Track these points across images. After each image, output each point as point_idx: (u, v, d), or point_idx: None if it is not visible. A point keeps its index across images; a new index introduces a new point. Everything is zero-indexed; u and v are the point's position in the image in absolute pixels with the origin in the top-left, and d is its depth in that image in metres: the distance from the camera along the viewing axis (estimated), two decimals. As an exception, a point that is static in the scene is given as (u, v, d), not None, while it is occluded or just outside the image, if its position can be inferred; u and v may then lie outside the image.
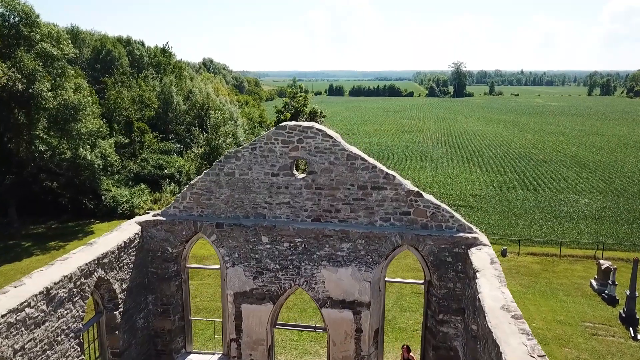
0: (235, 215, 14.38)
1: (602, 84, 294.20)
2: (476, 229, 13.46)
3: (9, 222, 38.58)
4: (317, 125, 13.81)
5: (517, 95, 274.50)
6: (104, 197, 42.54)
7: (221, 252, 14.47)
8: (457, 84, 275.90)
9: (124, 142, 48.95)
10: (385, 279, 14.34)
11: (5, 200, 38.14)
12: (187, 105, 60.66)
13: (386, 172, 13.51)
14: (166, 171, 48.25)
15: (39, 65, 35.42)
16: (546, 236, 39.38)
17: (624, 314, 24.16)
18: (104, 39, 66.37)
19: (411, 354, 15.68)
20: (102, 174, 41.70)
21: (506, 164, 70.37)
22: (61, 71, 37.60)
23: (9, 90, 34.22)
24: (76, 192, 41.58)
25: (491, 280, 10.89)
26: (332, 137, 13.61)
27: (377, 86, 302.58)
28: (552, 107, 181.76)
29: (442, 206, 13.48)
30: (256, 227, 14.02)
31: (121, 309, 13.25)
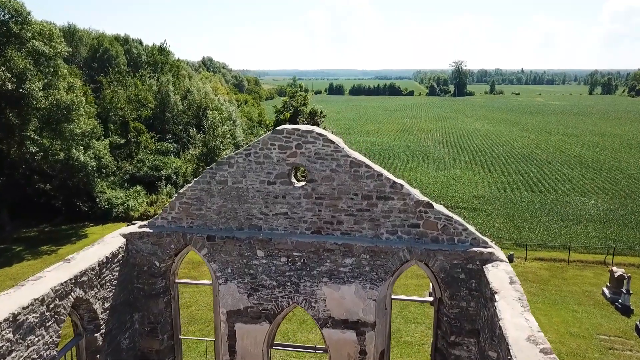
0: (228, 227, 13.24)
1: (603, 83, 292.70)
2: (491, 243, 12.31)
3: (0, 226, 37.51)
4: (317, 129, 12.62)
5: (518, 94, 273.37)
6: (98, 200, 41.43)
7: (213, 267, 13.35)
8: (457, 82, 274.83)
9: (120, 142, 47.83)
10: (391, 296, 13.18)
11: (-4, 202, 37.14)
12: (184, 104, 59.50)
13: (393, 181, 12.35)
14: (163, 172, 47.08)
15: (29, 64, 34.31)
16: (553, 240, 38.19)
17: None
18: (102, 38, 65.35)
19: None
20: (97, 175, 40.60)
21: (509, 164, 69.11)
22: (53, 70, 36.49)
23: (-1, 89, 33.17)
24: (70, 195, 40.43)
25: (513, 304, 9.76)
26: (334, 142, 12.44)
27: (378, 85, 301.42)
28: (553, 106, 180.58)
29: (455, 218, 12.33)
30: (251, 240, 12.87)
31: (103, 330, 12.09)
